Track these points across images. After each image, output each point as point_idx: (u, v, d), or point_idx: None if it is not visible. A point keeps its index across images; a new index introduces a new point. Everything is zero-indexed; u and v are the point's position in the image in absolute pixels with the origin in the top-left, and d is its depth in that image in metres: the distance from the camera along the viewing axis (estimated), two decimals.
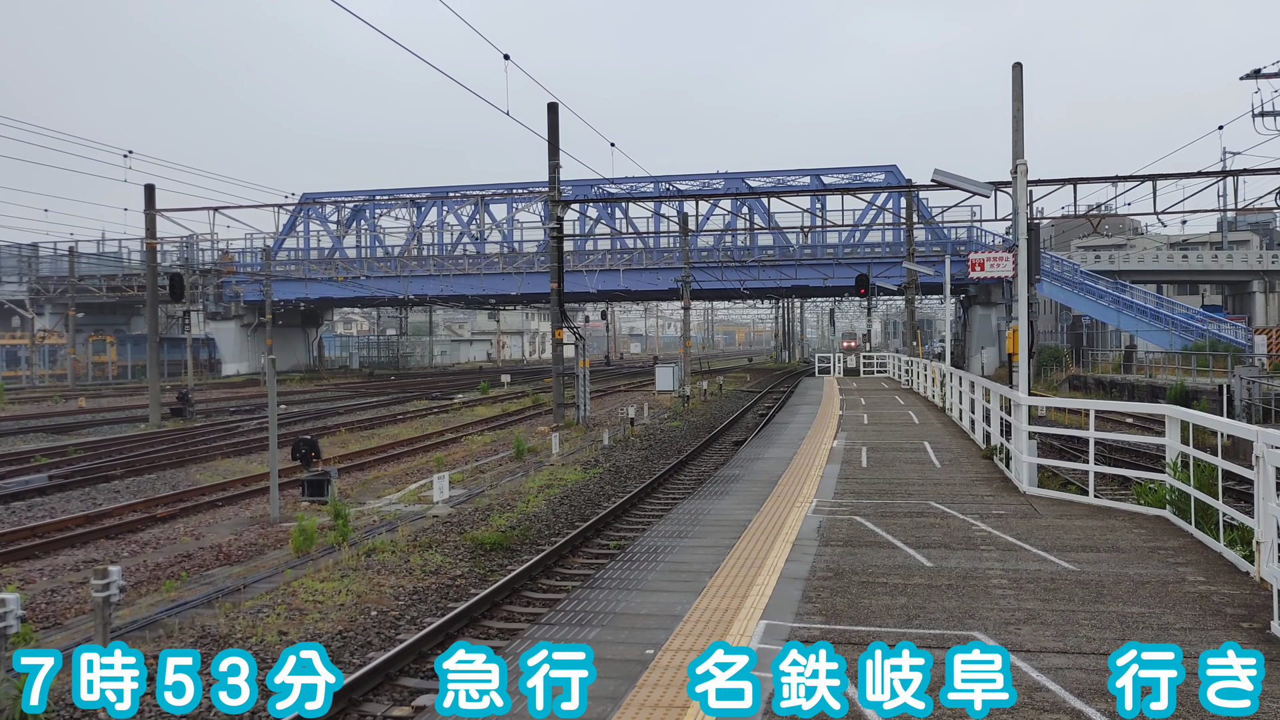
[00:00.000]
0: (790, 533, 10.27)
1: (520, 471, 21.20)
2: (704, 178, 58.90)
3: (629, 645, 6.71)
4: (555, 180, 30.50)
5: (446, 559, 12.86)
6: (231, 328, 67.95)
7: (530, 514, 15.91)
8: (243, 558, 13.85)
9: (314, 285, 63.10)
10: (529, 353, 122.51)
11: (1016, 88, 18.84)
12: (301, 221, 64.24)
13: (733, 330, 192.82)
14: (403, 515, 16.44)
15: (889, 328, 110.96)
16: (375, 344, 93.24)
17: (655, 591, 8.17)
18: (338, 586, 11.21)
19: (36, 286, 66.12)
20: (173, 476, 21.59)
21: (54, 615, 11.08)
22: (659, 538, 10.36)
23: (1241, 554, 8.41)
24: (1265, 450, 7.05)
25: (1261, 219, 70.91)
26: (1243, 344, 44.90)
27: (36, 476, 20.65)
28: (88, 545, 14.99)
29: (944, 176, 15.27)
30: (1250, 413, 27.39)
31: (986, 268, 22.93)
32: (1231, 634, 6.59)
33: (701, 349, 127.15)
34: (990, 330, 56.48)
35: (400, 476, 21.33)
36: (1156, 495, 11.13)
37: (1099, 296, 51.58)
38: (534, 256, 59.63)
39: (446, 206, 62.43)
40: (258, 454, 24.67)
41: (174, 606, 11.00)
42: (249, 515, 17.20)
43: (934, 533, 10.17)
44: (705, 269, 56.77)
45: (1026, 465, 12.93)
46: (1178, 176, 32.37)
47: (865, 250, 57.40)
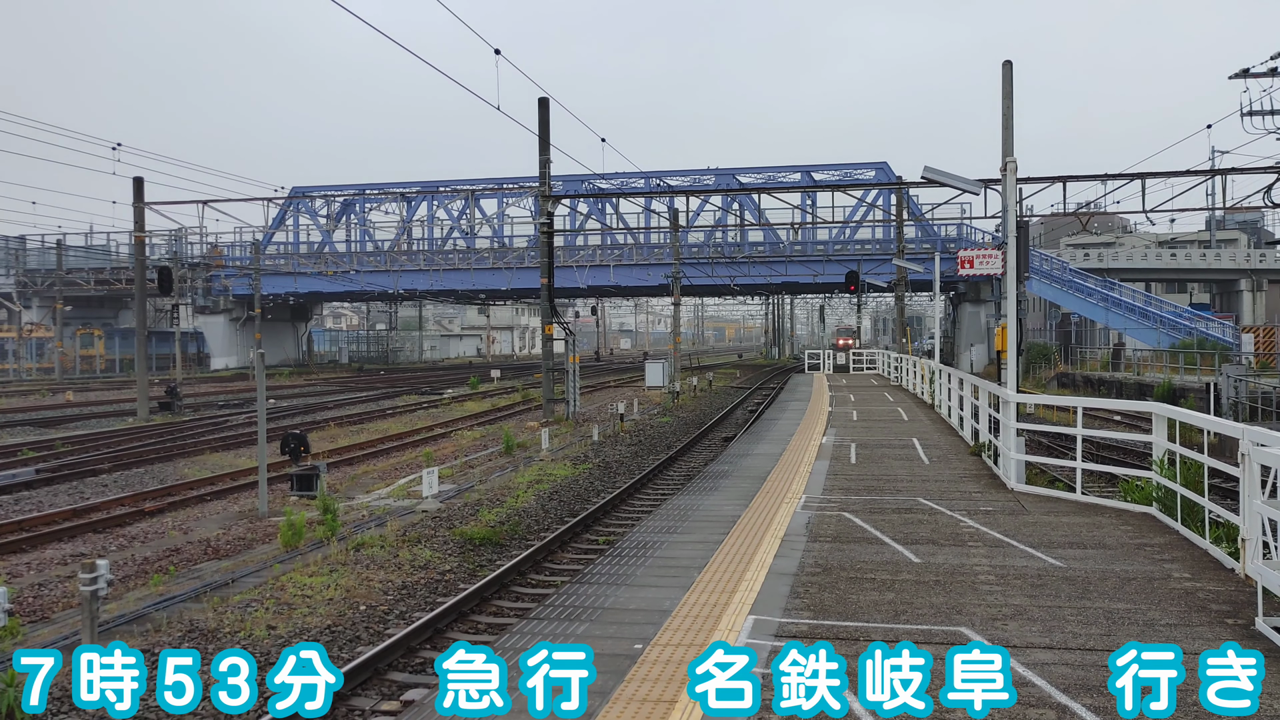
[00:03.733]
0: (779, 528, 10.29)
1: (510, 467, 21.19)
2: (695, 174, 58.90)
3: (617, 640, 6.71)
4: (546, 175, 30.46)
5: (435, 554, 12.85)
6: (220, 322, 67.72)
7: (519, 509, 15.91)
8: (231, 552, 13.82)
9: (303, 279, 62.91)
10: (519, 348, 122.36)
11: (1006, 86, 18.89)
12: (291, 215, 64.02)
13: (723, 326, 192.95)
14: (392, 510, 16.42)
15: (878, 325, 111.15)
16: (365, 339, 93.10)
17: (644, 587, 8.18)
18: (326, 581, 11.20)
19: (24, 279, 65.81)
20: (161, 471, 21.51)
21: (41, 609, 11.04)
22: (648, 533, 10.37)
23: (1227, 550, 8.47)
24: (1251, 448, 7.09)
25: (1249, 218, 71.17)
26: (1230, 342, 45.09)
27: (23, 470, 20.55)
28: (75, 539, 14.93)
29: (934, 174, 15.30)
30: (1237, 411, 27.51)
31: (976, 265, 22.97)
32: (1217, 630, 6.63)
33: (692, 345, 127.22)
34: (979, 327, 56.67)
35: (389, 471, 21.30)
36: (1143, 492, 11.18)
37: (1088, 294, 51.75)
38: (524, 252, 59.59)
39: (437, 201, 62.29)
40: (246, 448, 24.60)
41: (162, 601, 10.97)
42: (237, 510, 17.16)
43: (922, 529, 10.20)
44: (696, 265, 56.79)
45: (1015, 462, 12.98)
46: (1167, 175, 32.44)
47: (855, 247, 57.49)
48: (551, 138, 30.01)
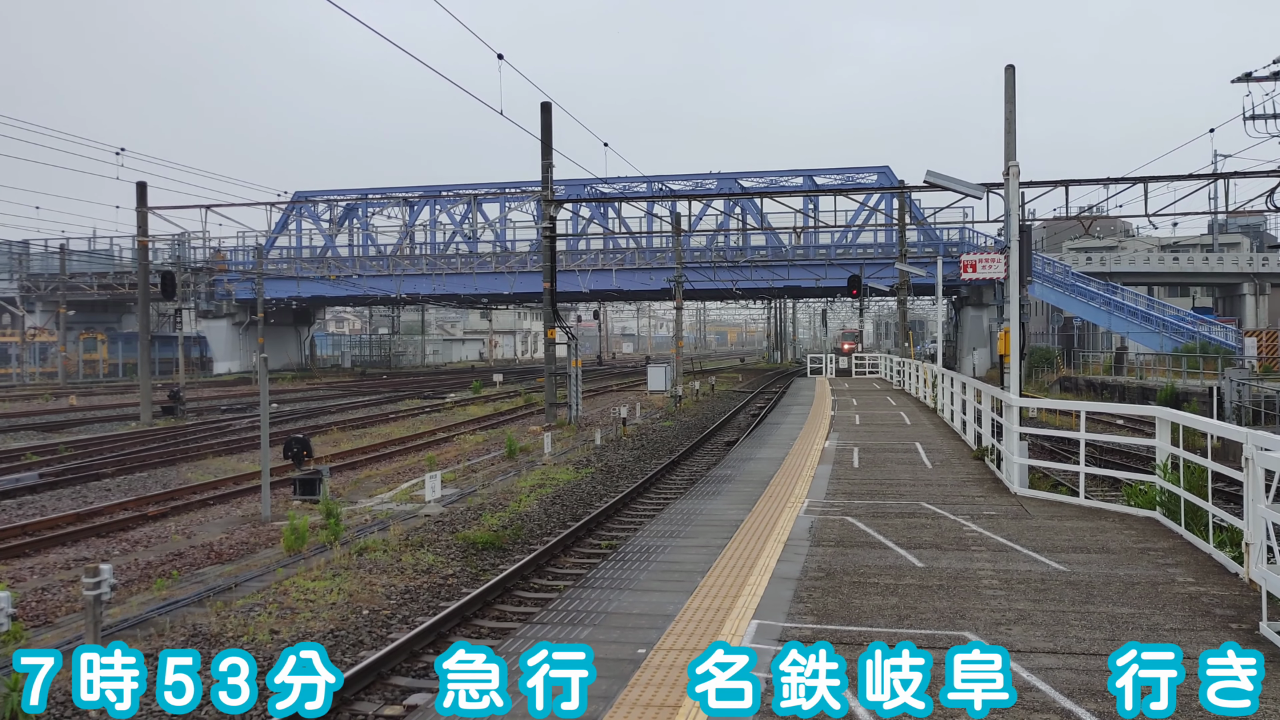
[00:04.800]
0: (782, 533, 10.28)
1: (512, 471, 21.19)
2: (697, 178, 58.92)
3: (621, 645, 6.71)
4: (548, 179, 30.48)
5: (438, 558, 12.85)
6: (223, 326, 67.76)
7: (522, 513, 15.91)
8: (234, 556, 13.82)
9: (306, 284, 62.95)
10: (521, 352, 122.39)
11: (1009, 90, 18.91)
12: (294, 220, 64.09)
13: (725, 330, 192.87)
14: (395, 514, 16.42)
15: (880, 329, 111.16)
16: (367, 343, 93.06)
17: (647, 591, 8.18)
18: (329, 585, 11.20)
19: (27, 284, 65.83)
20: (164, 475, 21.53)
21: (45, 613, 11.05)
22: (651, 537, 10.37)
23: (1231, 555, 8.45)
24: (1255, 452, 7.09)
25: (1252, 221, 71.16)
26: (1233, 346, 45.04)
27: (27, 474, 20.57)
28: (79, 543, 14.95)
29: (936, 178, 15.31)
30: (1240, 415, 27.47)
31: (978, 269, 22.97)
32: (1221, 635, 6.62)
33: (694, 349, 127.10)
34: (982, 331, 56.62)
35: (392, 475, 21.30)
36: (1147, 497, 11.16)
37: (1090, 298, 51.70)
38: (526, 256, 59.58)
39: (439, 205, 62.33)
40: (249, 452, 24.61)
41: (165, 605, 10.98)
42: (240, 514, 17.17)
43: (925, 533, 10.20)
44: (698, 269, 56.76)
45: (1017, 466, 12.98)
46: (1169, 179, 32.47)
47: (857, 251, 57.44)
48: (554, 142, 30.05)
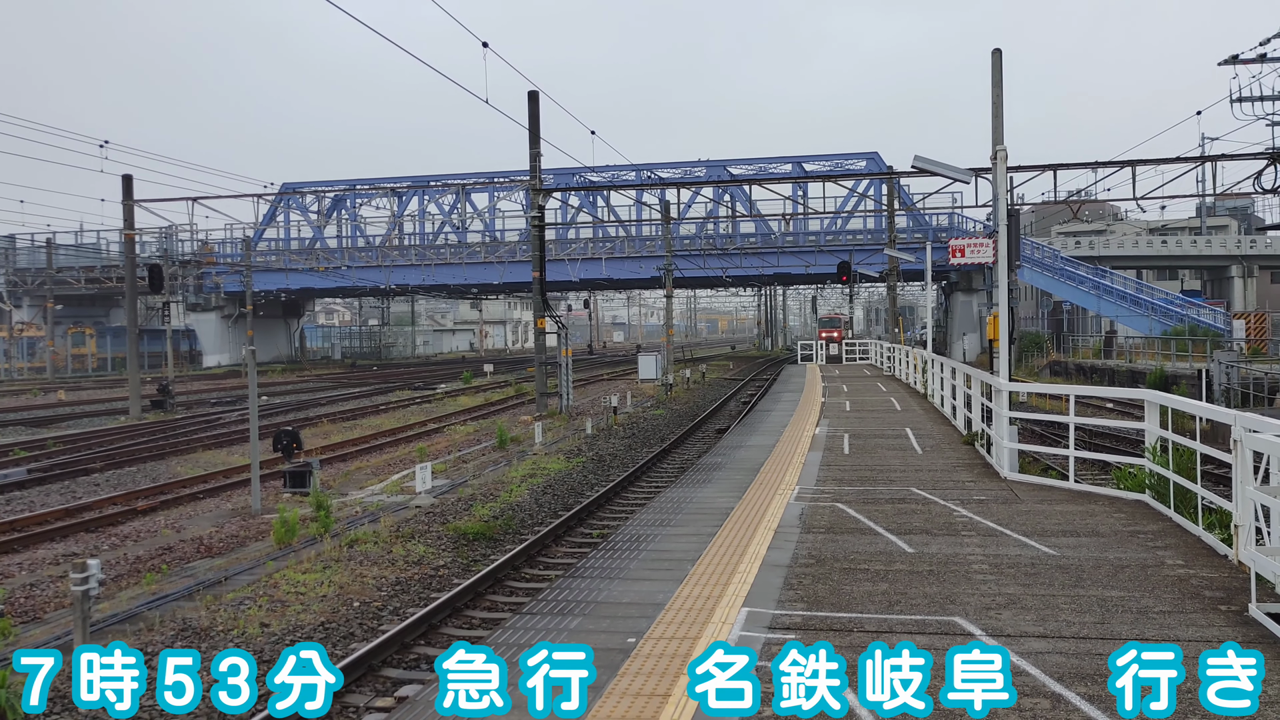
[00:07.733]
0: (772, 520, 10.28)
1: (503, 461, 21.17)
2: (686, 166, 58.80)
3: (611, 634, 6.70)
4: (536, 168, 30.39)
5: (429, 549, 12.83)
6: (212, 319, 67.49)
7: (513, 503, 15.89)
8: (224, 550, 13.78)
9: (295, 276, 62.72)
10: (512, 342, 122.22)
11: (996, 74, 18.86)
12: (282, 212, 63.82)
13: (715, 318, 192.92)
14: (385, 506, 16.38)
15: (871, 315, 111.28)
16: (357, 334, 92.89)
17: (638, 580, 8.17)
18: (320, 578, 11.17)
19: (14, 278, 65.53)
20: (153, 469, 21.45)
21: (33, 609, 11.00)
22: (641, 526, 10.36)
23: (1220, 537, 8.47)
24: (1243, 434, 7.10)
25: (1240, 204, 71.37)
26: (1222, 329, 45.24)
27: (15, 470, 20.49)
28: (67, 539, 14.88)
29: (924, 163, 15.28)
30: (1229, 397, 27.58)
31: (967, 254, 23.01)
32: (1210, 617, 6.64)
33: (684, 337, 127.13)
34: (971, 316, 56.69)
35: (383, 467, 21.25)
36: (1136, 480, 11.19)
37: (1079, 282, 51.83)
38: (516, 245, 59.45)
39: (428, 196, 62.12)
40: (239, 446, 24.54)
41: (154, 599, 10.94)
42: (230, 507, 17.11)
43: (915, 519, 10.21)
44: (687, 257, 56.71)
45: (1007, 451, 12.99)
46: (1157, 162, 32.50)
47: (847, 237, 57.46)
48: (542, 131, 29.94)
